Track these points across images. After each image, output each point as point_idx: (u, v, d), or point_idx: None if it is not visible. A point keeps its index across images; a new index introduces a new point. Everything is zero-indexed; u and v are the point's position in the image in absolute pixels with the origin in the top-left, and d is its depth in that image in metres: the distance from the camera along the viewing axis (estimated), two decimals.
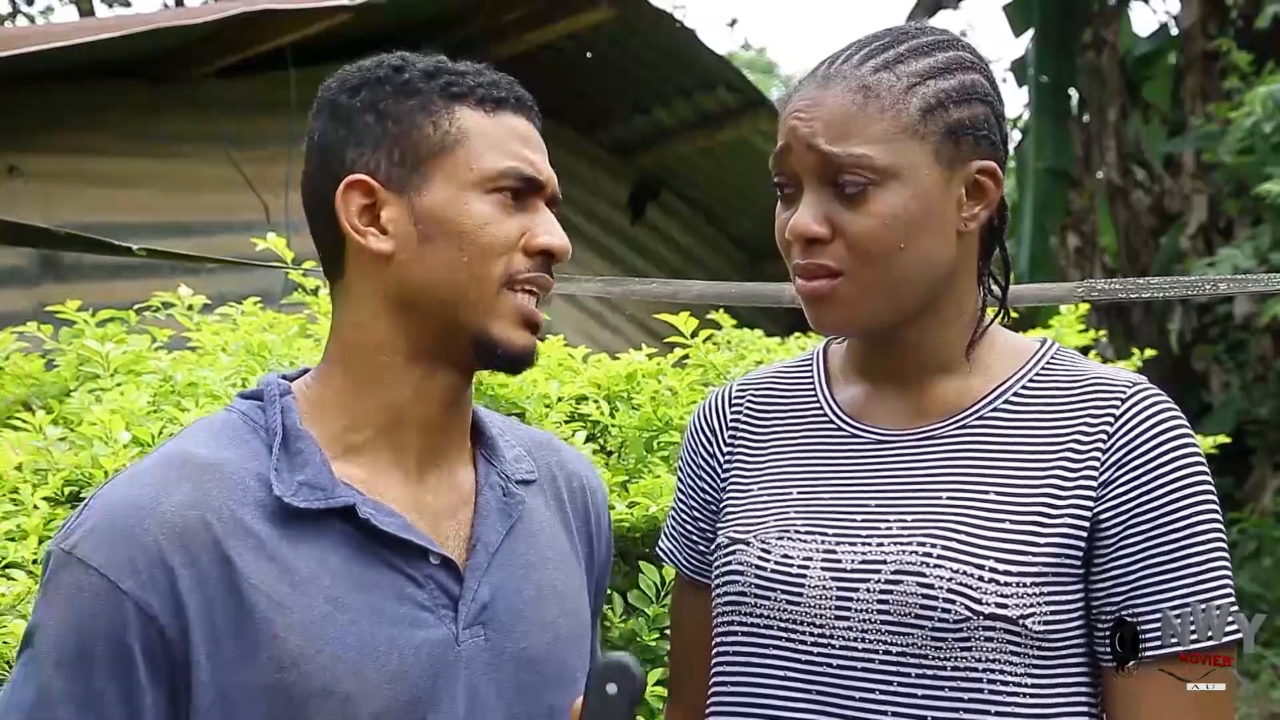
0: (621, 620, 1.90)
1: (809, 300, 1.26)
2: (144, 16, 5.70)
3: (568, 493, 1.35)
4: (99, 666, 1.06)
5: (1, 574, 1.66)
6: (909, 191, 1.21)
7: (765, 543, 1.27)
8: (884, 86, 1.21)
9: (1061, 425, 1.24)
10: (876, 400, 1.33)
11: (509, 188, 1.18)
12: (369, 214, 1.18)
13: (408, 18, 5.79)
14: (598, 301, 6.50)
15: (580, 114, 7.14)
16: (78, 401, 2.06)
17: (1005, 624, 1.17)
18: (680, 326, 2.39)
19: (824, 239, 1.22)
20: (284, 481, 1.13)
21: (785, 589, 1.24)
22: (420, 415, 1.20)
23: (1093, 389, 1.25)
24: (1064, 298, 3.14)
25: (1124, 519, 1.19)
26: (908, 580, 1.19)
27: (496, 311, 1.18)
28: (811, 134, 1.22)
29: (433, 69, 1.21)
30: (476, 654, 1.17)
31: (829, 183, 1.22)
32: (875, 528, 1.24)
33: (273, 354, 2.18)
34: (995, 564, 1.18)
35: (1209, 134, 8.84)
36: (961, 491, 1.23)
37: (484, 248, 1.17)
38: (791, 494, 1.30)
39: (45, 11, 12.57)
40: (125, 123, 5.31)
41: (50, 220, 3.49)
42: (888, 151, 1.20)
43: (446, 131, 1.18)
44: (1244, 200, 8.52)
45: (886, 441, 1.29)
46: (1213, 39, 9.20)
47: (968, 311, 1.30)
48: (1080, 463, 1.21)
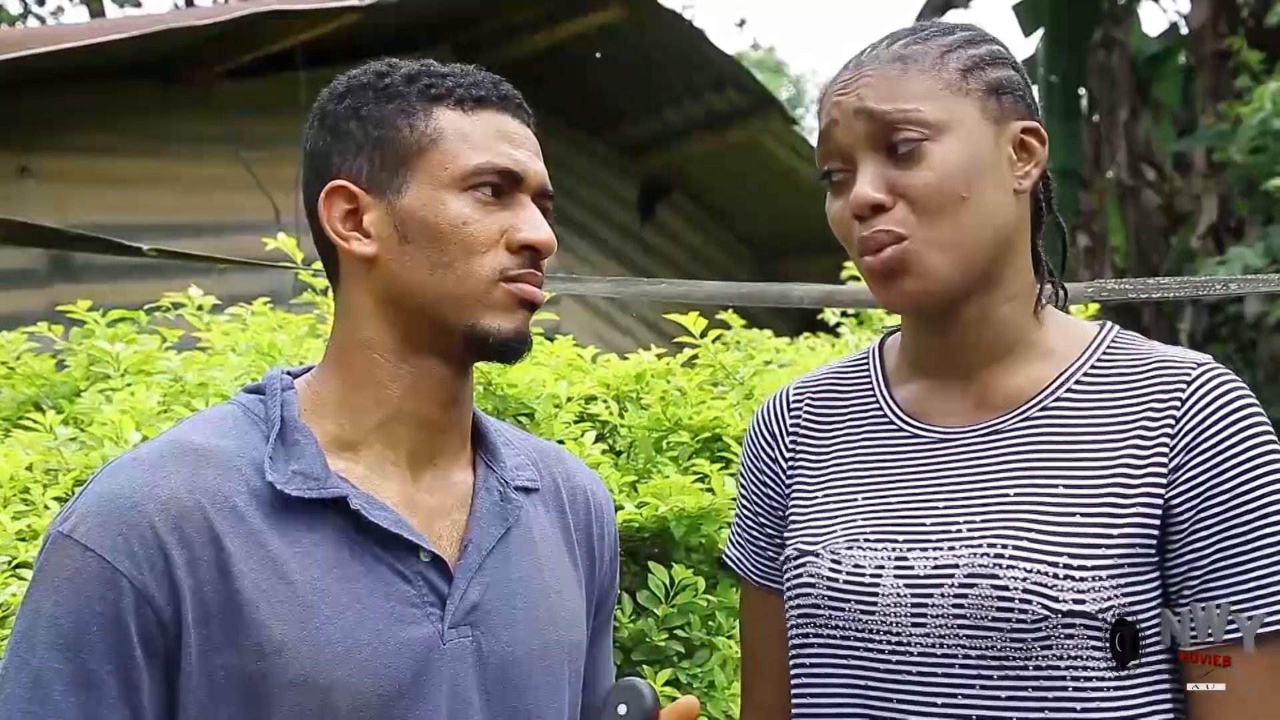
0: (631, 621, 1.90)
1: (880, 276, 1.23)
2: (154, 17, 5.71)
3: (570, 504, 1.34)
4: (96, 647, 1.07)
5: (13, 574, 1.66)
6: (963, 144, 1.21)
7: (835, 553, 1.25)
8: (920, 54, 1.23)
9: (1127, 411, 1.21)
10: (936, 397, 1.30)
11: (487, 184, 1.18)
12: (353, 219, 1.20)
13: (417, 18, 5.80)
14: (606, 302, 6.50)
15: (590, 114, 7.14)
16: (88, 401, 2.06)
17: (1084, 620, 1.15)
18: (690, 326, 2.38)
19: (886, 206, 1.21)
20: (278, 470, 1.14)
21: (859, 599, 1.23)
22: (415, 413, 1.21)
23: (1157, 371, 1.22)
24: (1074, 298, 3.14)
25: (1197, 503, 1.17)
26: (981, 583, 1.17)
27: (486, 304, 1.18)
28: (858, 100, 1.22)
29: (415, 72, 1.22)
30: (462, 654, 1.17)
31: (881, 149, 1.21)
32: (945, 531, 1.22)
33: (282, 354, 2.18)
34: (1069, 559, 1.16)
35: (1219, 133, 8.82)
36: (1030, 487, 1.20)
37: (464, 246, 1.17)
38: (858, 500, 1.29)
39: (56, 12, 12.61)
40: (136, 123, 5.33)
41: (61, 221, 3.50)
42: (937, 106, 1.21)
43: (423, 132, 1.19)
44: (1255, 199, 8.49)
45: (949, 440, 1.27)
46: (1223, 38, 9.18)
47: (1027, 284, 1.28)
48: (1149, 448, 1.19)
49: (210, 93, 5.51)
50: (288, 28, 5.22)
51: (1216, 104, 9.09)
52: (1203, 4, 9.41)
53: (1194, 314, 9.60)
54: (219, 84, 5.52)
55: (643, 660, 1.84)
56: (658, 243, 7.85)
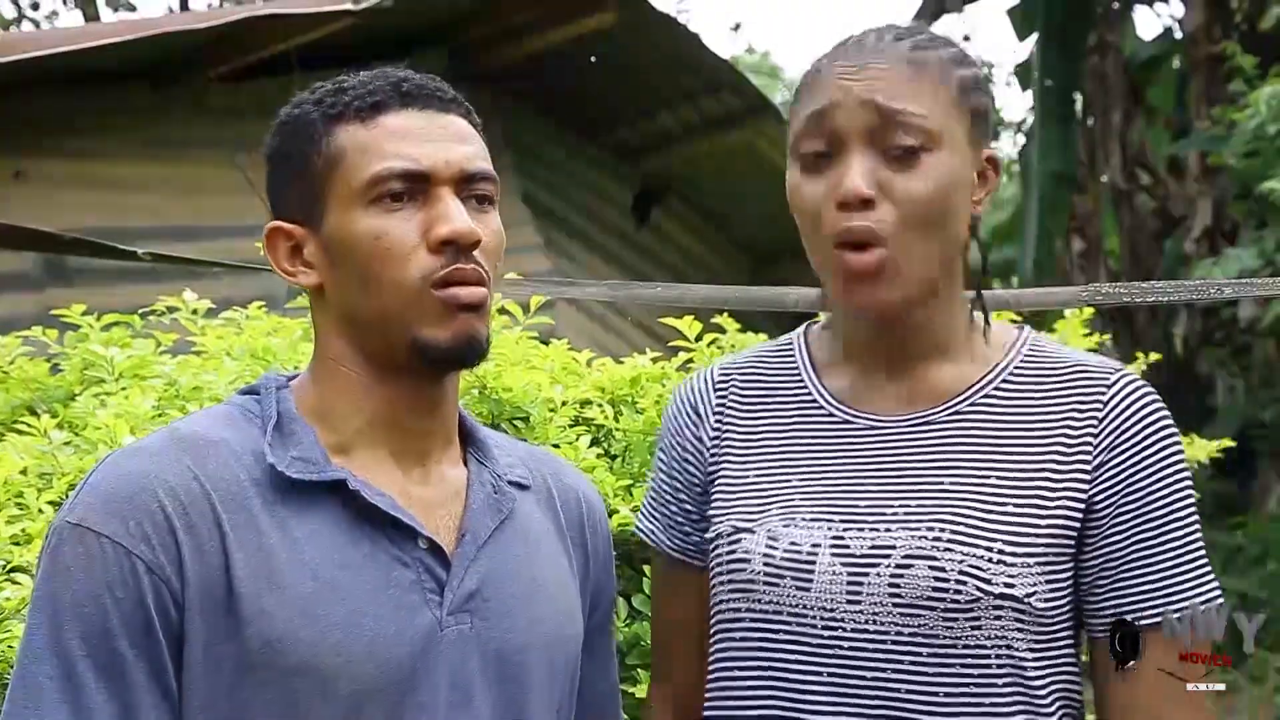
0: (626, 624, 1.90)
1: (855, 277, 1.25)
2: (149, 21, 5.71)
3: (562, 503, 1.36)
4: (122, 632, 1.08)
5: (7, 578, 1.66)
6: (953, 160, 1.25)
7: (771, 531, 1.30)
8: (931, 61, 1.26)
9: (1051, 411, 1.29)
10: (868, 387, 1.35)
11: (388, 191, 1.17)
12: (297, 253, 1.23)
13: (412, 22, 5.79)
14: (601, 305, 6.50)
15: (584, 118, 7.14)
16: (82, 406, 2.06)
17: (1013, 602, 1.22)
18: (684, 330, 2.38)
19: (872, 203, 1.23)
20: (278, 456, 1.16)
21: (795, 576, 1.27)
22: (396, 420, 1.22)
23: (1078, 376, 1.30)
24: (1069, 301, 3.14)
25: (1115, 500, 1.26)
26: (919, 564, 1.23)
27: (420, 315, 1.17)
28: (869, 90, 1.23)
29: (321, 96, 1.22)
30: (460, 641, 1.18)
31: (877, 145, 1.23)
32: (881, 513, 1.27)
33: (277, 358, 2.18)
34: (1003, 546, 1.23)
35: (1214, 137, 8.83)
36: (963, 476, 1.27)
37: (381, 260, 1.17)
38: (792, 481, 1.33)
39: (50, 16, 12.60)
40: (130, 127, 5.33)
41: (55, 224, 3.49)
42: (940, 117, 1.24)
43: (328, 156, 1.19)
44: (1249, 203, 8.51)
45: (881, 427, 1.32)
46: (1217, 42, 9.19)
47: (962, 294, 1.35)
48: (1073, 448, 1.27)
49: (205, 96, 5.50)
50: (282, 31, 5.21)
51: (1210, 108, 9.11)
52: (1197, 8, 9.43)
53: (1188, 318, 9.62)
54: (214, 88, 5.52)
55: (637, 664, 1.84)
56: (652, 246, 7.84)
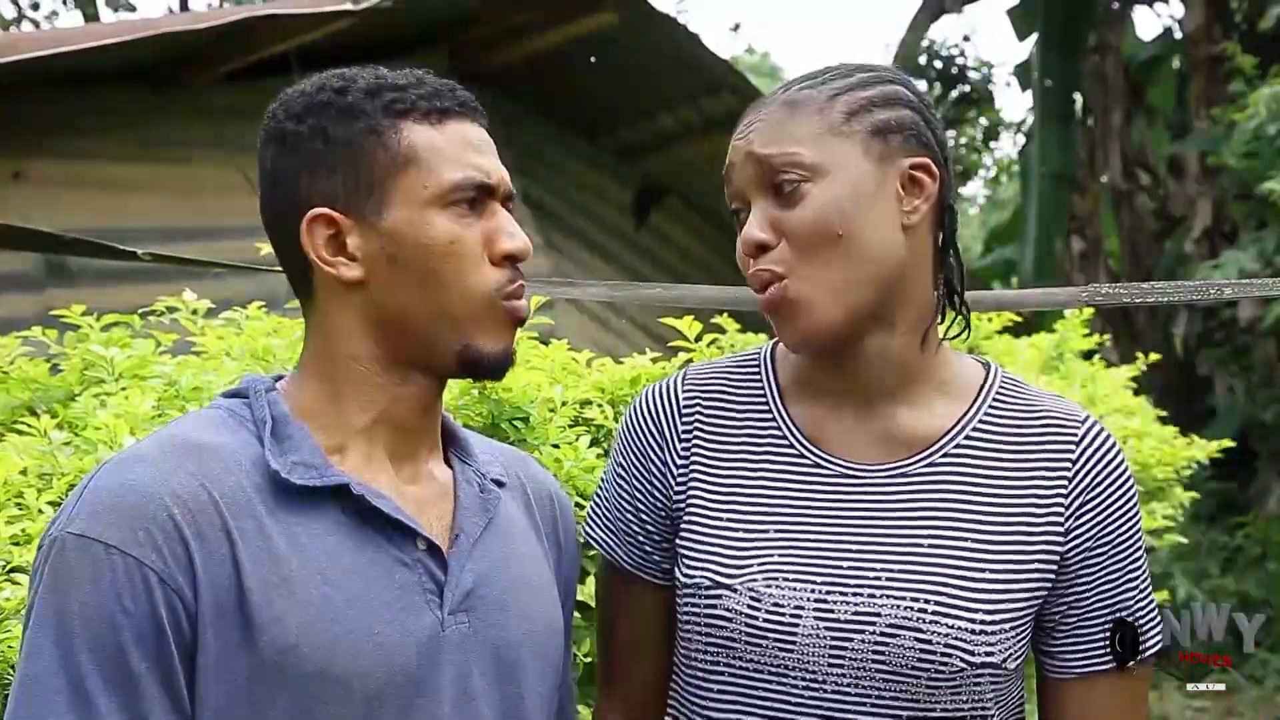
0: None
1: (770, 313, 1.30)
2: (149, 21, 5.70)
3: (536, 502, 1.38)
4: (133, 646, 1.06)
5: (6, 579, 1.66)
6: (840, 184, 1.26)
7: (754, 590, 1.29)
8: (808, 98, 1.29)
9: (1023, 462, 1.31)
10: (835, 423, 1.34)
11: (465, 199, 1.19)
12: (335, 243, 1.20)
13: (412, 22, 5.79)
14: (601, 306, 6.50)
15: (584, 118, 7.14)
16: (82, 406, 2.06)
17: (992, 670, 1.25)
18: (684, 330, 2.38)
19: (770, 245, 1.27)
20: (279, 462, 1.15)
21: (778, 638, 1.27)
22: (395, 418, 1.22)
23: (1047, 425, 1.32)
24: (1068, 302, 3.14)
25: (1086, 552, 1.29)
26: (904, 634, 1.24)
27: (483, 323, 1.20)
28: (748, 144, 1.29)
29: (374, 86, 1.21)
30: (461, 639, 1.19)
31: (769, 190, 1.27)
32: (863, 577, 1.27)
33: (277, 358, 2.18)
34: (985, 615, 1.25)
35: (1213, 137, 8.84)
36: (942, 536, 1.28)
37: (456, 265, 1.18)
38: (769, 532, 1.31)
39: (50, 16, 12.61)
40: (130, 127, 5.32)
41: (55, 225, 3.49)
42: (816, 150, 1.26)
43: (397, 151, 1.19)
44: (1248, 204, 8.51)
45: (854, 477, 1.32)
46: (1217, 42, 9.20)
47: (925, 320, 1.32)
48: (1046, 503, 1.29)
49: (205, 97, 5.50)
50: (282, 32, 5.21)
51: (1210, 108, 9.11)
52: (1196, 9, 9.43)
53: (1188, 318, 9.61)
54: (213, 88, 5.51)
55: None
56: (652, 247, 7.84)
